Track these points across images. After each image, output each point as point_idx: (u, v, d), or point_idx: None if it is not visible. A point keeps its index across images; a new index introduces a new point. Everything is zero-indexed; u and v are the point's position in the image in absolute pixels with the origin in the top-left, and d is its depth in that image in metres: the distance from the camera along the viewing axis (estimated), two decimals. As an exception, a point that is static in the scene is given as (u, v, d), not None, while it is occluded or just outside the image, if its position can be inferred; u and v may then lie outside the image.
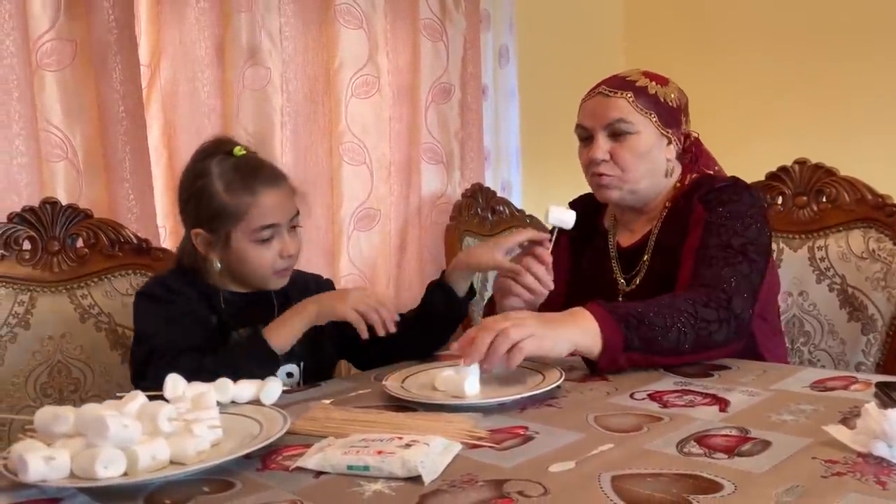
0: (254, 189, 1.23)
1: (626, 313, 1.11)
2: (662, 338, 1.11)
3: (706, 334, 1.14)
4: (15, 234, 1.39)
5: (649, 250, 1.39)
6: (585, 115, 1.41)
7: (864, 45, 2.53)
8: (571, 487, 0.71)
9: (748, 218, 1.28)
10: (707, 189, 1.34)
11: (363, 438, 0.82)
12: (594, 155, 1.37)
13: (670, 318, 1.12)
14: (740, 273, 1.21)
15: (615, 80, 1.40)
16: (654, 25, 3.06)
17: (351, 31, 2.04)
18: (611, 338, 1.09)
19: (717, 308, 1.16)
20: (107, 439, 0.76)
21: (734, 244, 1.25)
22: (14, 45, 1.50)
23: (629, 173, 1.36)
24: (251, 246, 1.24)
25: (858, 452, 0.75)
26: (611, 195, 1.40)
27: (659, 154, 1.38)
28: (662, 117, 1.37)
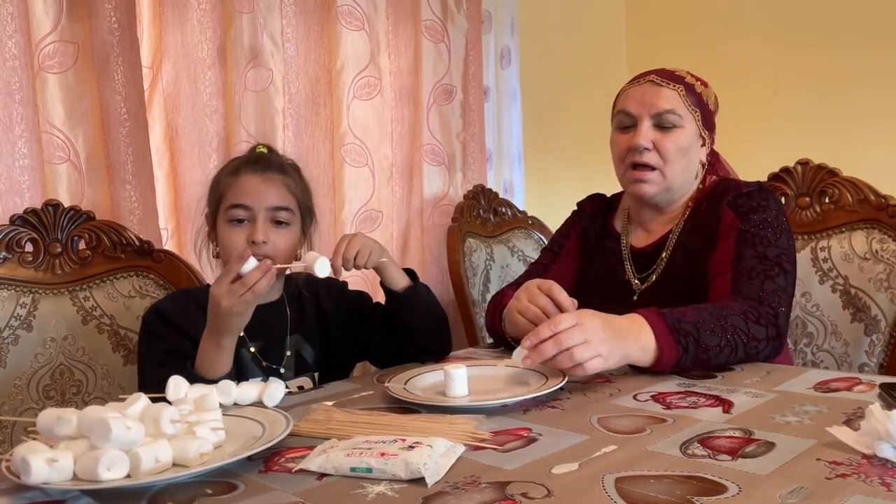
0: (238, 172, 1.29)
1: (686, 333, 1.10)
2: (714, 357, 1.12)
3: (754, 353, 1.15)
4: (17, 236, 1.39)
5: (668, 249, 1.38)
6: (632, 102, 1.38)
7: (866, 45, 2.53)
8: (575, 489, 0.71)
9: (778, 226, 1.29)
10: (735, 194, 1.34)
11: (366, 440, 0.82)
12: (637, 141, 1.34)
13: (724, 338, 1.12)
14: (780, 287, 1.23)
15: (664, 72, 1.40)
16: (656, 26, 3.06)
17: (352, 32, 2.04)
18: (666, 360, 1.09)
19: (766, 325, 1.16)
20: (110, 441, 0.76)
21: (770, 255, 1.25)
22: (16, 47, 1.50)
23: (669, 166, 1.35)
24: (225, 226, 1.27)
25: (863, 454, 0.74)
26: (648, 190, 1.37)
27: (695, 153, 1.39)
28: (704, 118, 1.38)
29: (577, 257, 1.53)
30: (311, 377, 1.33)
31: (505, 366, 1.17)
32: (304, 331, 1.34)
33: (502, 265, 2.24)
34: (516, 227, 2.34)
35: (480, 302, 2.12)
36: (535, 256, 2.29)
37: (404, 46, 2.19)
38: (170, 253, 1.55)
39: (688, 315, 1.13)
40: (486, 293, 2.15)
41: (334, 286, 1.44)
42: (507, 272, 2.23)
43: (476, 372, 1.17)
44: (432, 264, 2.26)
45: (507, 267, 2.24)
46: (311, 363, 1.34)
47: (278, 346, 1.31)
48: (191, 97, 1.79)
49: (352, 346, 1.39)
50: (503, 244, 2.28)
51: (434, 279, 2.27)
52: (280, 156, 1.37)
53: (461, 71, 2.31)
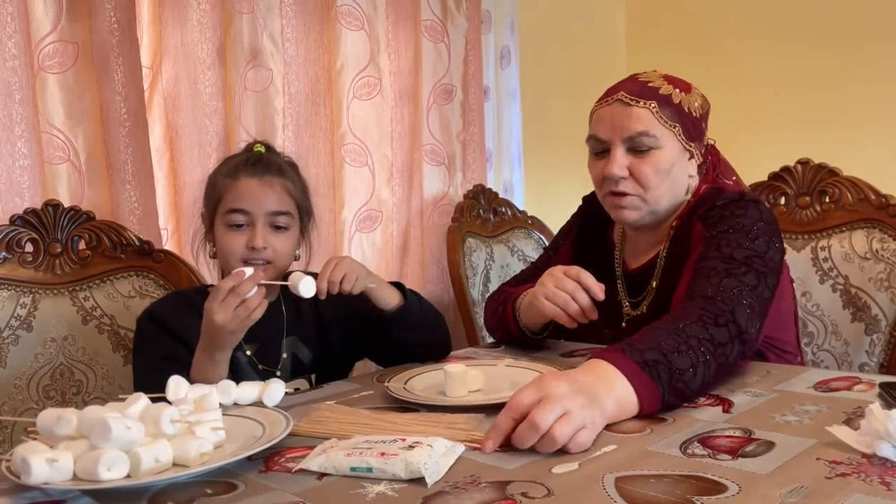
0: (236, 174, 1.27)
1: (655, 362, 0.92)
2: (691, 381, 0.94)
3: (724, 361, 1.00)
4: (17, 236, 1.39)
5: (657, 275, 1.28)
6: (601, 126, 1.25)
7: (867, 45, 2.53)
8: (575, 489, 0.71)
9: (753, 231, 1.15)
10: (708, 206, 1.22)
11: (366, 440, 0.82)
12: (611, 171, 1.22)
13: (693, 356, 0.95)
14: (743, 284, 1.07)
15: (635, 85, 1.24)
16: (656, 26, 3.06)
17: (352, 32, 2.04)
18: (648, 403, 0.91)
19: (725, 324, 1.01)
20: (110, 441, 0.76)
21: (737, 256, 1.11)
22: (16, 47, 1.50)
23: (650, 192, 1.22)
24: (223, 230, 1.26)
25: (863, 453, 0.74)
26: (629, 217, 1.26)
27: (681, 170, 1.25)
28: (686, 130, 1.23)
29: (570, 261, 1.41)
30: (307, 379, 1.33)
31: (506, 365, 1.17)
32: (301, 332, 1.34)
33: (502, 265, 2.24)
34: (516, 227, 2.34)
35: (480, 302, 2.12)
36: (534, 256, 2.30)
37: (404, 46, 2.19)
38: (170, 253, 1.55)
39: (647, 341, 0.96)
40: (486, 293, 2.15)
41: None
42: (507, 272, 2.23)
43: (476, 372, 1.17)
44: (432, 264, 2.26)
45: (507, 267, 2.24)
46: (307, 365, 1.34)
47: (274, 348, 1.31)
48: (191, 97, 1.79)
49: (350, 348, 1.38)
50: (503, 244, 2.28)
51: (434, 279, 2.27)
52: (278, 154, 1.36)
53: (461, 71, 2.32)
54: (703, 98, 1.29)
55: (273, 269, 1.26)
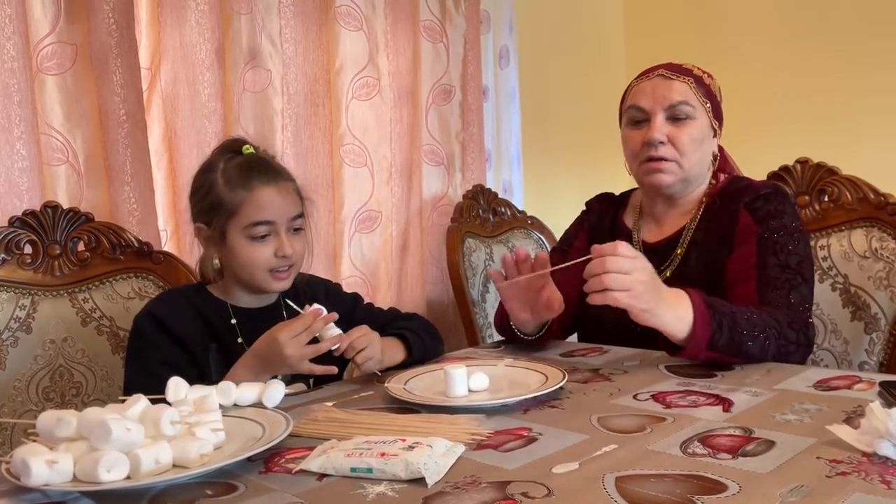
0: (250, 184, 1.22)
1: (724, 312, 1.12)
2: (751, 343, 1.13)
3: (786, 352, 1.17)
4: (16, 237, 1.39)
5: (683, 245, 1.39)
6: (643, 96, 1.38)
7: (866, 44, 2.53)
8: (575, 489, 0.71)
9: (796, 232, 1.30)
10: (752, 196, 1.34)
11: (366, 440, 0.82)
12: (652, 135, 1.34)
13: (759, 328, 1.14)
14: (804, 297, 1.25)
15: (672, 65, 1.40)
16: (655, 26, 3.06)
17: (351, 32, 2.04)
18: (699, 335, 1.10)
19: (797, 331, 1.19)
20: (110, 443, 0.76)
21: (791, 263, 1.26)
22: (14, 48, 1.50)
23: (686, 158, 1.35)
24: (245, 242, 1.22)
25: (863, 452, 0.75)
26: (665, 179, 1.37)
27: (709, 145, 1.40)
28: (714, 108, 1.39)
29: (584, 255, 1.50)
30: (306, 382, 1.32)
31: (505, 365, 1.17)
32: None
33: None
34: (516, 227, 2.34)
35: (480, 302, 2.12)
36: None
37: (403, 47, 2.19)
38: (169, 254, 1.55)
39: (725, 304, 1.15)
40: (485, 293, 2.15)
41: (332, 291, 1.44)
42: (507, 272, 2.22)
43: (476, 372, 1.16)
44: (432, 264, 2.26)
45: (507, 267, 2.24)
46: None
47: None
48: (189, 98, 1.79)
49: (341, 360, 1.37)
50: (503, 244, 2.28)
51: (433, 279, 2.27)
52: (266, 153, 1.33)
53: (460, 71, 2.32)
54: (720, 89, 1.45)
55: (295, 269, 1.28)
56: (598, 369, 1.19)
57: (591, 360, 1.26)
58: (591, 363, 1.24)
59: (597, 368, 1.20)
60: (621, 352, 1.31)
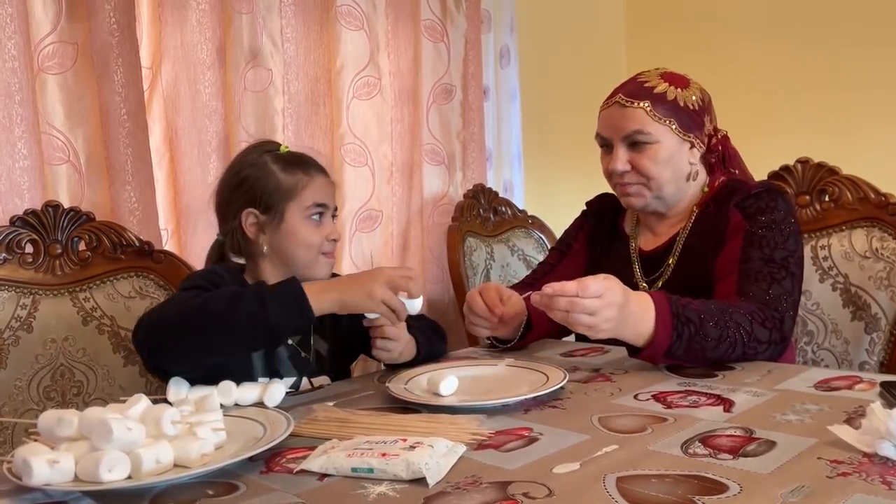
0: (309, 171, 1.30)
1: (689, 320, 1.11)
2: (710, 350, 1.12)
3: (753, 353, 1.16)
4: (17, 237, 1.39)
5: (675, 253, 1.39)
6: (603, 125, 1.40)
7: (866, 43, 2.53)
8: (576, 489, 0.71)
9: (786, 228, 1.29)
10: (743, 195, 1.33)
11: (367, 440, 0.82)
12: (614, 166, 1.36)
13: (725, 332, 1.12)
14: (786, 290, 1.23)
15: (633, 86, 1.38)
16: (656, 25, 3.06)
17: (352, 32, 2.04)
18: (657, 344, 1.10)
19: (771, 329, 1.17)
20: (111, 442, 0.76)
21: (776, 258, 1.25)
22: (16, 48, 1.50)
23: (652, 181, 1.36)
24: (303, 223, 1.27)
25: (864, 452, 0.75)
26: (636, 203, 1.39)
27: (681, 160, 1.37)
28: (683, 123, 1.36)
29: (584, 258, 1.53)
30: (330, 375, 1.33)
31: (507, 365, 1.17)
32: (321, 328, 1.33)
33: (502, 264, 2.24)
34: (516, 227, 2.34)
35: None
36: (535, 255, 2.30)
37: (404, 46, 2.19)
38: (170, 254, 1.55)
39: (694, 304, 1.14)
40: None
41: None
42: (508, 271, 2.23)
43: (476, 372, 1.17)
44: (432, 264, 2.26)
45: (508, 266, 2.24)
46: (326, 357, 1.33)
47: (307, 341, 1.31)
48: (190, 98, 1.79)
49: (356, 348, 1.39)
50: (503, 243, 2.28)
51: (434, 278, 2.27)
52: None
53: (461, 70, 2.31)
54: (701, 91, 1.41)
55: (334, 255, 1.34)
56: (599, 369, 1.19)
57: (592, 360, 1.27)
58: (591, 363, 1.24)
59: (597, 368, 1.20)
60: (622, 352, 1.30)
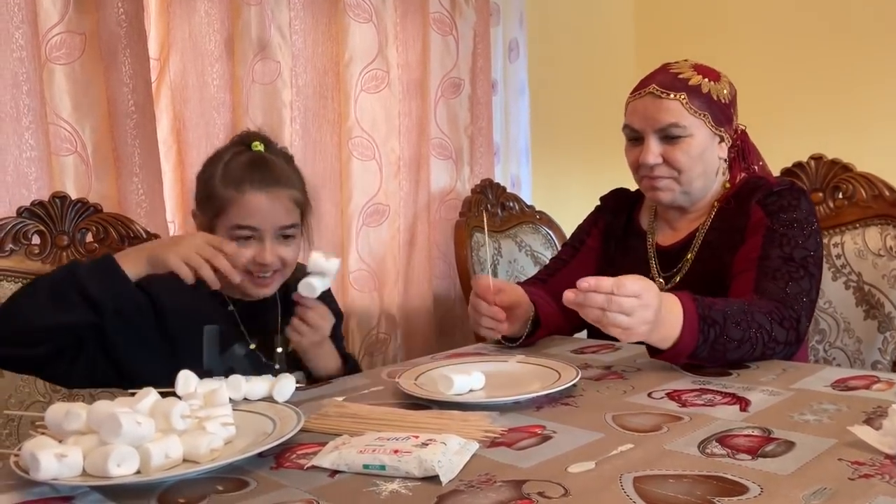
0: (241, 187, 1.20)
1: (713, 322, 1.08)
2: (732, 351, 1.10)
3: (771, 353, 1.14)
4: (24, 228, 1.38)
5: (694, 249, 1.36)
6: (635, 117, 1.35)
7: (881, 39, 2.50)
8: (592, 488, 0.70)
9: (807, 227, 1.27)
10: (765, 192, 1.31)
11: (379, 437, 0.81)
12: (646, 159, 1.32)
13: (747, 333, 1.10)
14: (803, 290, 1.21)
15: (666, 77, 1.33)
16: (665, 20, 3.04)
17: (360, 24, 2.03)
18: (682, 347, 1.08)
19: (788, 329, 1.15)
20: (120, 437, 0.75)
21: (796, 257, 1.23)
22: (23, 38, 1.49)
23: (684, 175, 1.33)
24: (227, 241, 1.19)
25: (885, 454, 0.73)
26: (664, 197, 1.36)
27: (712, 154, 1.35)
28: (716, 117, 1.33)
29: (597, 254, 1.51)
30: (304, 373, 1.29)
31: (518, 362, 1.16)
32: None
33: (510, 260, 2.23)
34: (524, 222, 2.32)
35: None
36: (542, 251, 2.28)
37: (412, 39, 2.17)
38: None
39: (718, 304, 1.11)
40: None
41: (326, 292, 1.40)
42: (515, 267, 2.21)
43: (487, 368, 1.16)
44: (439, 258, 2.25)
45: (515, 262, 2.23)
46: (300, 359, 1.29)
47: (270, 342, 1.29)
48: (198, 89, 1.77)
49: None
50: (511, 239, 2.26)
51: (441, 274, 2.26)
52: (277, 152, 1.30)
53: (469, 64, 2.30)
54: (730, 85, 1.38)
55: (281, 276, 1.25)
56: (611, 366, 1.18)
57: (603, 357, 1.25)
58: (603, 360, 1.23)
59: (609, 365, 1.18)
60: (633, 348, 1.29)
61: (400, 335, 2.15)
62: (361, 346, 2.09)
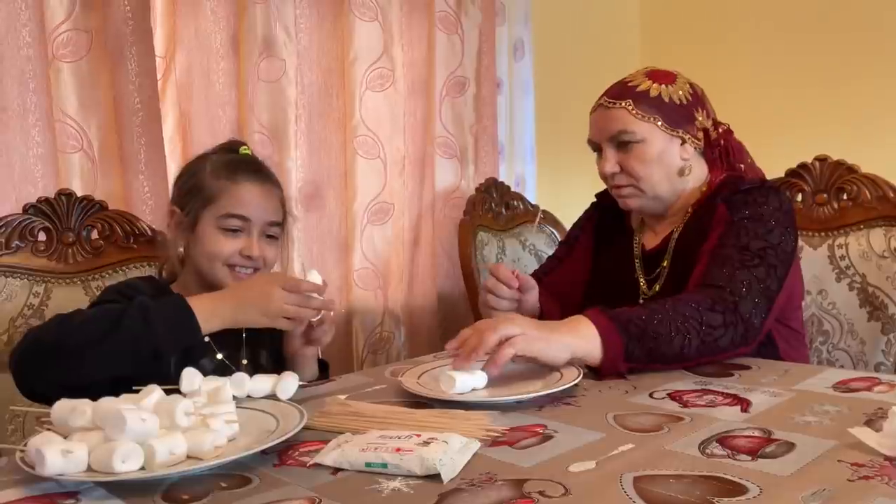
0: (236, 177, 1.21)
1: (628, 321, 1.08)
2: (666, 346, 1.08)
3: (712, 340, 1.11)
4: (30, 225, 1.39)
5: (669, 254, 1.35)
6: (591, 129, 1.40)
7: (885, 40, 2.50)
8: (593, 488, 0.70)
9: (772, 221, 1.23)
10: (732, 190, 1.30)
11: (381, 435, 0.82)
12: (602, 169, 1.37)
13: (674, 326, 1.08)
14: (754, 277, 1.16)
15: (616, 87, 1.37)
16: (670, 19, 3.03)
17: (366, 23, 2.03)
18: (612, 346, 1.06)
19: (722, 312, 1.12)
20: (124, 433, 0.76)
21: (752, 247, 1.20)
22: (30, 35, 1.50)
23: (643, 181, 1.34)
24: (213, 232, 1.20)
25: (885, 456, 0.73)
26: (631, 204, 1.38)
27: (672, 156, 1.34)
28: (669, 118, 1.32)
29: (590, 251, 1.52)
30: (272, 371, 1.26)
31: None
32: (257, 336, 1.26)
33: (514, 259, 2.23)
34: (528, 222, 2.33)
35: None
36: (546, 250, 2.29)
37: (417, 38, 2.18)
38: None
39: (634, 310, 1.11)
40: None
41: None
42: (519, 266, 2.22)
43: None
44: (443, 257, 2.25)
45: (519, 261, 2.23)
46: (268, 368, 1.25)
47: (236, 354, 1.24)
48: (204, 87, 1.78)
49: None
50: (515, 238, 2.27)
51: (445, 273, 2.26)
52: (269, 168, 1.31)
53: (474, 63, 2.30)
54: (689, 85, 1.37)
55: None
56: (613, 366, 1.18)
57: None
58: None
59: (611, 365, 1.18)
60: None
61: (403, 333, 2.16)
62: (365, 343, 2.09)
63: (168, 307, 1.05)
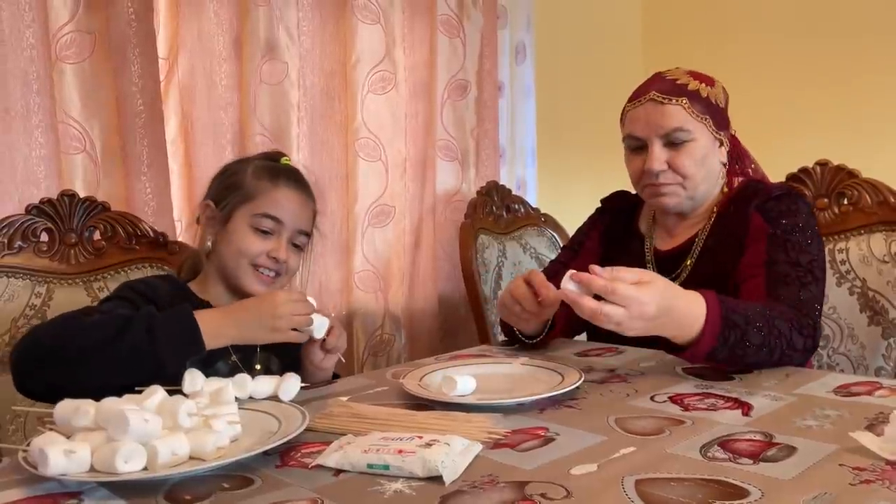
0: (277, 181, 1.25)
1: (734, 325, 1.07)
2: (750, 356, 1.09)
3: (787, 360, 1.13)
4: (33, 225, 1.39)
5: (694, 254, 1.36)
6: (637, 125, 1.34)
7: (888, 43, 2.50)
8: (594, 491, 0.70)
9: (808, 231, 1.27)
10: (763, 198, 1.31)
11: (383, 437, 0.82)
12: (651, 166, 1.32)
13: (767, 339, 1.09)
14: (814, 296, 1.21)
15: (665, 83, 1.33)
16: (672, 23, 3.04)
17: (368, 26, 2.04)
18: (702, 346, 1.06)
19: (806, 337, 1.14)
20: (127, 433, 0.76)
21: (802, 262, 1.23)
22: (34, 36, 1.50)
23: (689, 180, 1.33)
24: (246, 229, 1.22)
25: (886, 460, 0.73)
26: (669, 202, 1.36)
27: (714, 159, 1.36)
28: (716, 121, 1.34)
29: (597, 257, 1.51)
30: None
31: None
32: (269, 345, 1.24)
33: (514, 262, 2.23)
34: (529, 225, 2.33)
35: (492, 299, 2.11)
36: (547, 254, 2.29)
37: (419, 41, 2.18)
38: (184, 245, 1.55)
39: (741, 306, 1.10)
40: (497, 290, 2.14)
41: None
42: (520, 269, 2.22)
43: (491, 370, 1.16)
44: (444, 260, 2.25)
45: (520, 264, 2.23)
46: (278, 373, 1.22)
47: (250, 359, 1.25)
48: (206, 89, 1.79)
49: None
50: (516, 241, 2.27)
51: (446, 276, 2.26)
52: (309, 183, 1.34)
53: (476, 66, 2.31)
54: (724, 89, 1.39)
55: (280, 281, 1.26)
56: (615, 369, 1.18)
57: (607, 360, 1.26)
58: (606, 363, 1.24)
59: (613, 369, 1.19)
60: (637, 352, 1.30)
61: (404, 336, 2.16)
62: (366, 346, 2.10)
63: (174, 322, 1.03)
